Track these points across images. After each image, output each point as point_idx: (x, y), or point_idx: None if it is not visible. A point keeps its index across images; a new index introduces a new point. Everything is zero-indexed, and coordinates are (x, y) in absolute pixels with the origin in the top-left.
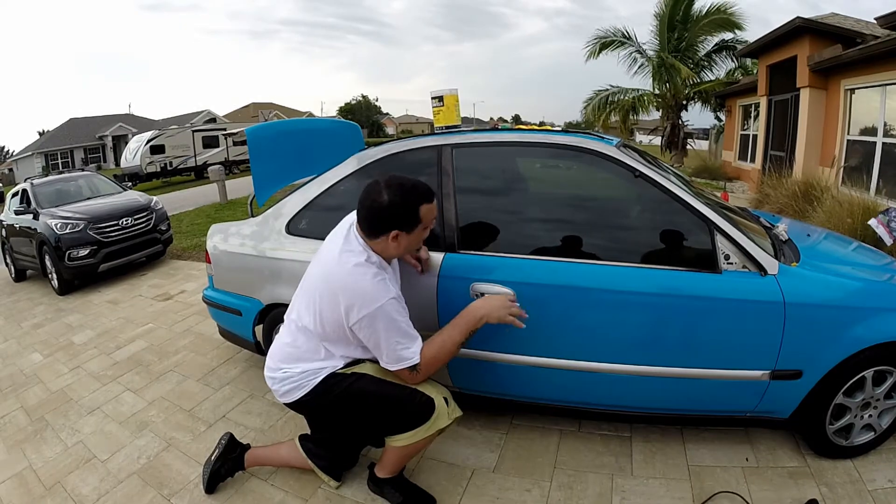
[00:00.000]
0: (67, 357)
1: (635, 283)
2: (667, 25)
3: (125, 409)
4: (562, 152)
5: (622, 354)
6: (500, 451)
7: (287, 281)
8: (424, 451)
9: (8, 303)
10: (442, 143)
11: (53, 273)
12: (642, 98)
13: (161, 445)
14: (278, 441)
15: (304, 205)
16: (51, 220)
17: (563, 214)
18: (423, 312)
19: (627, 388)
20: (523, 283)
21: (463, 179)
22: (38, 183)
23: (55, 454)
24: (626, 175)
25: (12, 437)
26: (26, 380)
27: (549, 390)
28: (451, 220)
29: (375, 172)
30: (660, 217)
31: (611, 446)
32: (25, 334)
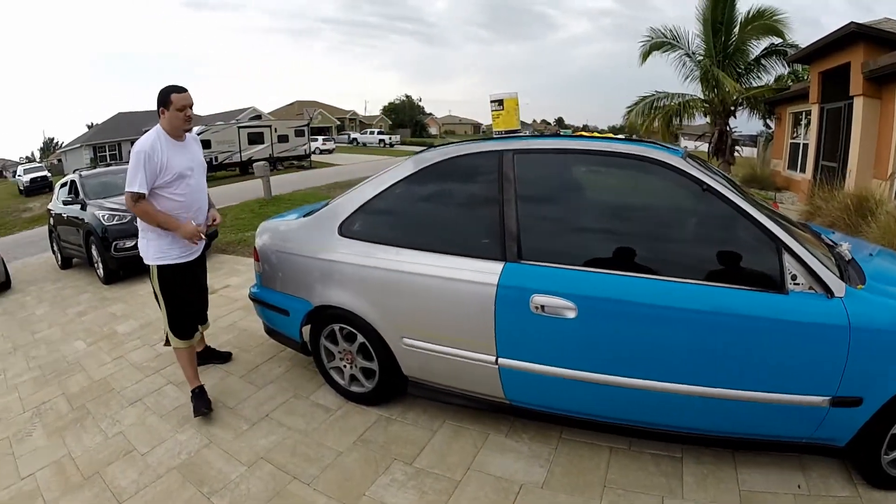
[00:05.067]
0: (110, 346)
1: (697, 301)
2: (711, 29)
3: (167, 402)
4: (626, 162)
5: (680, 373)
6: (549, 467)
7: (339, 283)
8: (472, 464)
9: (53, 290)
10: (503, 148)
11: (99, 262)
12: (689, 103)
13: (202, 442)
14: (321, 442)
15: (357, 207)
16: (98, 211)
17: (625, 226)
18: (480, 321)
19: (683, 408)
20: (584, 296)
21: (525, 187)
22: (87, 175)
23: (95, 444)
24: (692, 188)
25: (53, 424)
26: (69, 367)
27: (602, 406)
28: (512, 229)
29: (432, 177)
30: (725, 233)
31: (662, 467)
32: (70, 321)
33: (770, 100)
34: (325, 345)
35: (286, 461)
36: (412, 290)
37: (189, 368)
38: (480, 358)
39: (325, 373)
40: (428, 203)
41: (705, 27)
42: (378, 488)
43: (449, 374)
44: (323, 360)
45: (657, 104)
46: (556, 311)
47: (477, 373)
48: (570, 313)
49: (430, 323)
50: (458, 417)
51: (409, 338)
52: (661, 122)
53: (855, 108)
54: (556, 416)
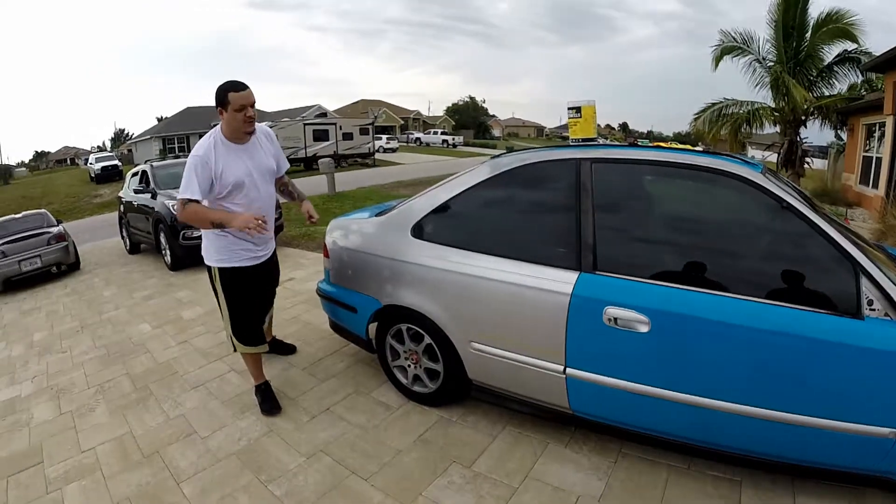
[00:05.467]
0: (176, 331)
1: (769, 322)
2: (782, 34)
3: (229, 389)
4: (705, 175)
5: (747, 394)
6: (607, 480)
7: (409, 284)
8: (530, 473)
9: (122, 273)
10: (581, 156)
11: (167, 250)
12: (758, 112)
13: (262, 430)
14: (381, 439)
15: (431, 209)
16: (168, 200)
17: (701, 241)
18: (551, 330)
19: (748, 430)
20: (657, 310)
21: (602, 196)
22: (158, 165)
23: (156, 424)
24: (770, 204)
25: (115, 402)
26: (134, 348)
27: (667, 423)
28: (588, 239)
29: (508, 182)
30: (802, 252)
31: (720, 489)
32: (136, 304)
33: (842, 110)
34: (390, 343)
35: (345, 455)
36: (484, 294)
37: (254, 367)
38: (548, 366)
39: (388, 371)
40: (503, 208)
41: (776, 32)
42: (435, 489)
43: (514, 381)
44: (387, 358)
45: (725, 112)
46: (629, 324)
47: (543, 381)
48: (643, 327)
49: (499, 328)
50: (519, 424)
51: (477, 342)
52: (729, 131)
53: None
54: (618, 430)
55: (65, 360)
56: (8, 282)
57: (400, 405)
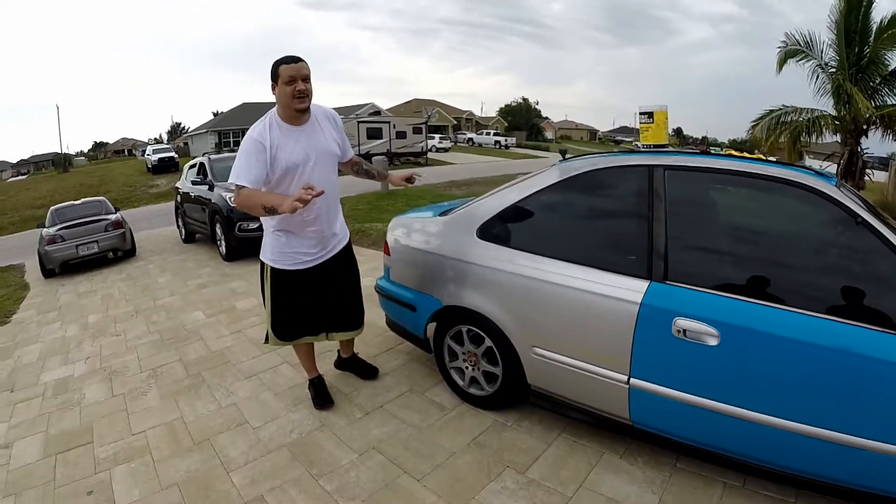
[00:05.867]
0: (229, 321)
1: (840, 342)
2: (844, 39)
3: (282, 381)
4: (778, 186)
5: (816, 415)
6: (661, 494)
7: (473, 286)
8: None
9: (176, 261)
10: (654, 162)
11: (222, 240)
12: (818, 120)
13: (315, 424)
14: (434, 440)
15: (498, 211)
16: (225, 192)
17: (772, 254)
18: (617, 338)
19: (813, 451)
20: (728, 323)
21: (674, 204)
22: (215, 158)
23: (208, 411)
24: (844, 219)
25: (168, 387)
26: (188, 335)
27: (727, 439)
28: (660, 247)
29: (578, 187)
30: (876, 271)
31: None
32: (190, 292)
33: None
34: (449, 344)
35: (398, 454)
36: (549, 299)
37: (306, 361)
38: (611, 376)
39: (444, 371)
40: (572, 213)
41: (838, 37)
42: (488, 494)
43: (574, 388)
44: (444, 358)
45: (784, 119)
46: (698, 336)
47: (605, 390)
48: (712, 340)
49: (563, 335)
50: (575, 432)
51: (539, 347)
52: (787, 139)
53: None
54: (674, 443)
55: (118, 343)
56: (65, 265)
57: (454, 406)
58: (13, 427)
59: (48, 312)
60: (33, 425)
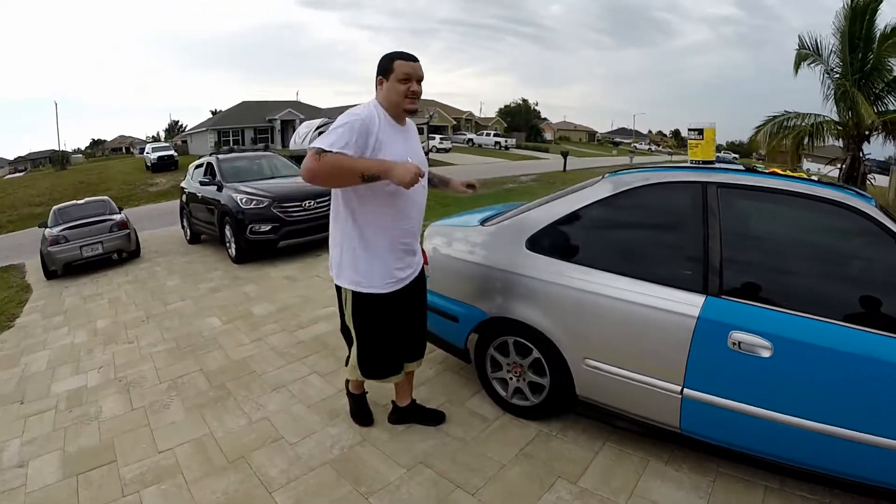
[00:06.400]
0: (248, 327)
1: (884, 353)
2: (848, 45)
3: (313, 392)
4: (823, 205)
5: (859, 421)
6: (707, 499)
7: (524, 297)
8: (634, 490)
9: (183, 263)
10: (707, 179)
11: (232, 242)
12: (821, 125)
13: (356, 438)
14: (482, 452)
15: (549, 223)
16: (235, 194)
17: (817, 270)
18: (673, 350)
19: (854, 453)
20: (780, 336)
21: (727, 221)
22: (224, 158)
23: (238, 427)
24: (883, 239)
25: (192, 400)
26: (205, 342)
27: (774, 445)
28: (716, 263)
29: (632, 200)
30: None
31: None
32: (202, 297)
33: None
34: (492, 355)
35: (447, 468)
36: (605, 312)
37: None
38: (665, 386)
39: (485, 382)
40: (625, 227)
41: (842, 42)
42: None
43: (625, 398)
44: (487, 369)
45: (787, 124)
46: (752, 349)
47: (657, 400)
48: (765, 352)
49: (617, 347)
50: (619, 441)
51: (592, 359)
52: (791, 144)
53: None
54: (717, 449)
55: (132, 351)
56: (68, 266)
57: (496, 417)
58: (27, 443)
59: (53, 317)
60: (49, 441)
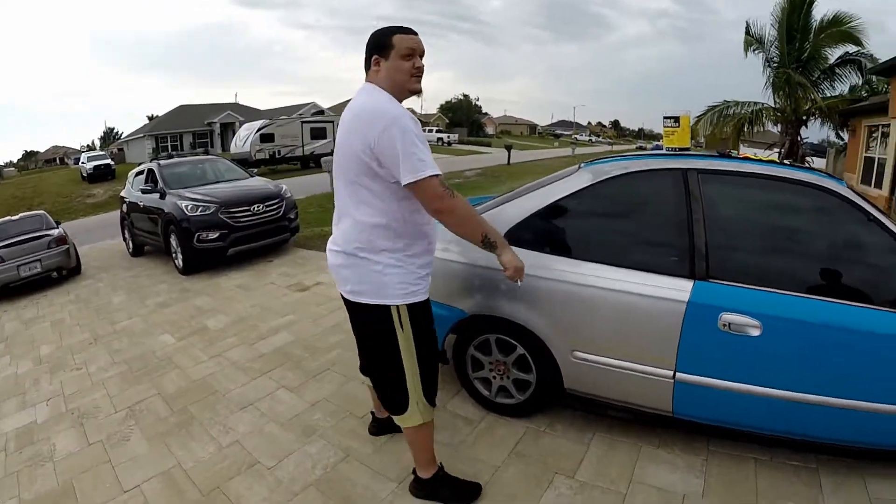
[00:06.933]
0: (204, 343)
1: (863, 323)
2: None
3: (283, 409)
4: (798, 188)
5: (842, 388)
6: (704, 477)
7: (505, 294)
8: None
9: (128, 277)
10: (686, 166)
11: (179, 253)
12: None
13: (337, 455)
14: (474, 456)
15: (526, 216)
16: (179, 200)
17: (798, 249)
18: (663, 336)
19: (839, 420)
20: (769, 315)
21: (710, 206)
22: (166, 164)
23: (208, 454)
24: (857, 217)
25: (152, 428)
26: (160, 363)
27: (765, 419)
28: (701, 248)
29: (612, 189)
30: (887, 260)
31: (801, 476)
32: (151, 313)
33: (845, 111)
34: (473, 354)
35: None
36: (593, 303)
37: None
38: (656, 372)
39: (466, 383)
40: (608, 216)
41: (780, 33)
42: (547, 503)
43: (616, 388)
44: (467, 369)
45: (727, 112)
46: (742, 328)
47: (649, 386)
48: (755, 331)
49: (606, 337)
50: (608, 429)
51: (581, 351)
52: (731, 131)
53: None
54: (704, 428)
55: (82, 379)
56: (6, 288)
57: (481, 418)
58: None
59: None
60: (1, 490)
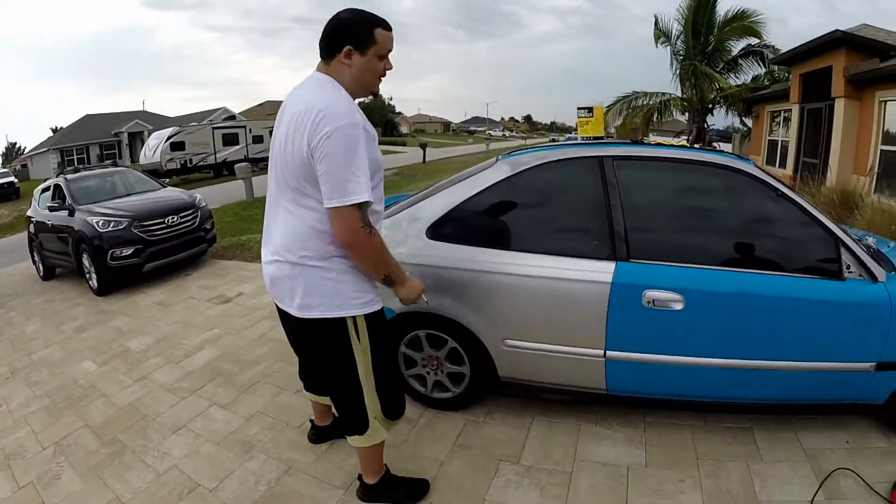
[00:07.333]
0: (127, 366)
1: (776, 289)
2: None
3: (218, 426)
4: (711, 169)
5: (762, 351)
6: (644, 448)
7: (432, 289)
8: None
9: (41, 303)
10: (602, 154)
11: (92, 272)
12: (668, 102)
13: (280, 468)
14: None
15: (448, 210)
16: (90, 217)
17: (713, 226)
18: (592, 318)
19: (763, 381)
20: (690, 289)
21: (627, 191)
22: (73, 178)
23: (146, 483)
24: (766, 193)
25: (84, 462)
26: (84, 392)
27: (695, 386)
28: (621, 230)
29: (531, 179)
30: (794, 231)
31: (738, 436)
32: (69, 339)
33: (749, 98)
34: (404, 352)
35: None
36: (519, 291)
37: (382, 456)
38: (588, 353)
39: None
40: (529, 205)
41: (686, 28)
42: (496, 491)
43: (551, 372)
44: (401, 368)
45: (635, 103)
46: (666, 304)
47: (582, 367)
48: (678, 305)
49: (537, 323)
50: (545, 413)
51: (511, 339)
52: (640, 121)
53: (836, 109)
54: (639, 401)
55: (2, 417)
56: None
57: (420, 415)
58: None
59: None
60: None
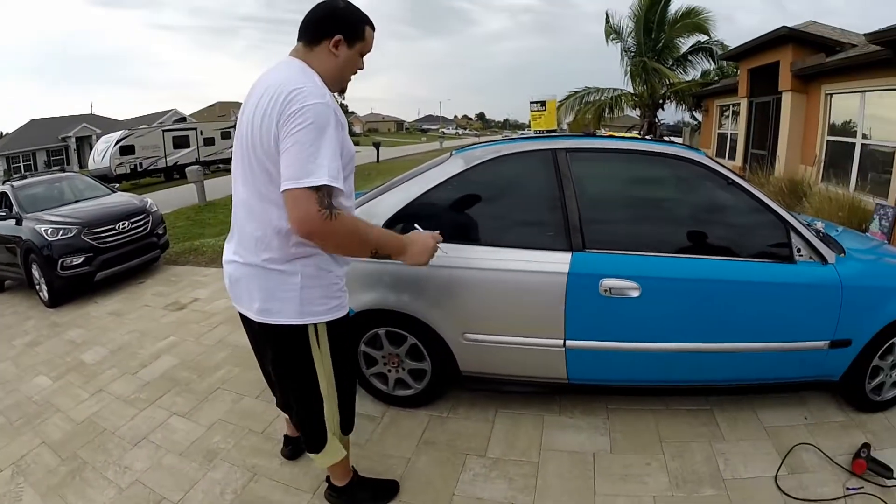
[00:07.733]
0: (83, 380)
1: (730, 274)
2: (643, 28)
3: (179, 437)
4: (663, 160)
5: (720, 334)
6: (609, 434)
7: (388, 285)
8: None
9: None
10: (556, 146)
11: (43, 283)
12: (619, 98)
13: (245, 476)
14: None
15: (403, 206)
16: (38, 225)
17: (668, 215)
18: (550, 308)
19: (721, 363)
20: (646, 276)
21: (581, 183)
22: (20, 185)
23: (108, 499)
24: (718, 182)
25: (44, 482)
26: (39, 409)
27: (655, 372)
28: (576, 221)
29: (485, 173)
30: (746, 218)
31: (699, 418)
32: (21, 354)
33: (698, 93)
34: (364, 351)
35: None
36: (477, 284)
37: (348, 463)
38: (548, 343)
39: (363, 380)
40: (484, 199)
41: (637, 25)
42: (465, 485)
43: (511, 363)
44: (361, 367)
45: (587, 99)
46: (623, 292)
47: (542, 358)
48: (635, 293)
49: (496, 316)
50: (509, 405)
51: (471, 333)
52: (592, 116)
53: (783, 102)
54: (600, 389)
55: None
56: None
57: (383, 413)
58: None
59: None
60: None
